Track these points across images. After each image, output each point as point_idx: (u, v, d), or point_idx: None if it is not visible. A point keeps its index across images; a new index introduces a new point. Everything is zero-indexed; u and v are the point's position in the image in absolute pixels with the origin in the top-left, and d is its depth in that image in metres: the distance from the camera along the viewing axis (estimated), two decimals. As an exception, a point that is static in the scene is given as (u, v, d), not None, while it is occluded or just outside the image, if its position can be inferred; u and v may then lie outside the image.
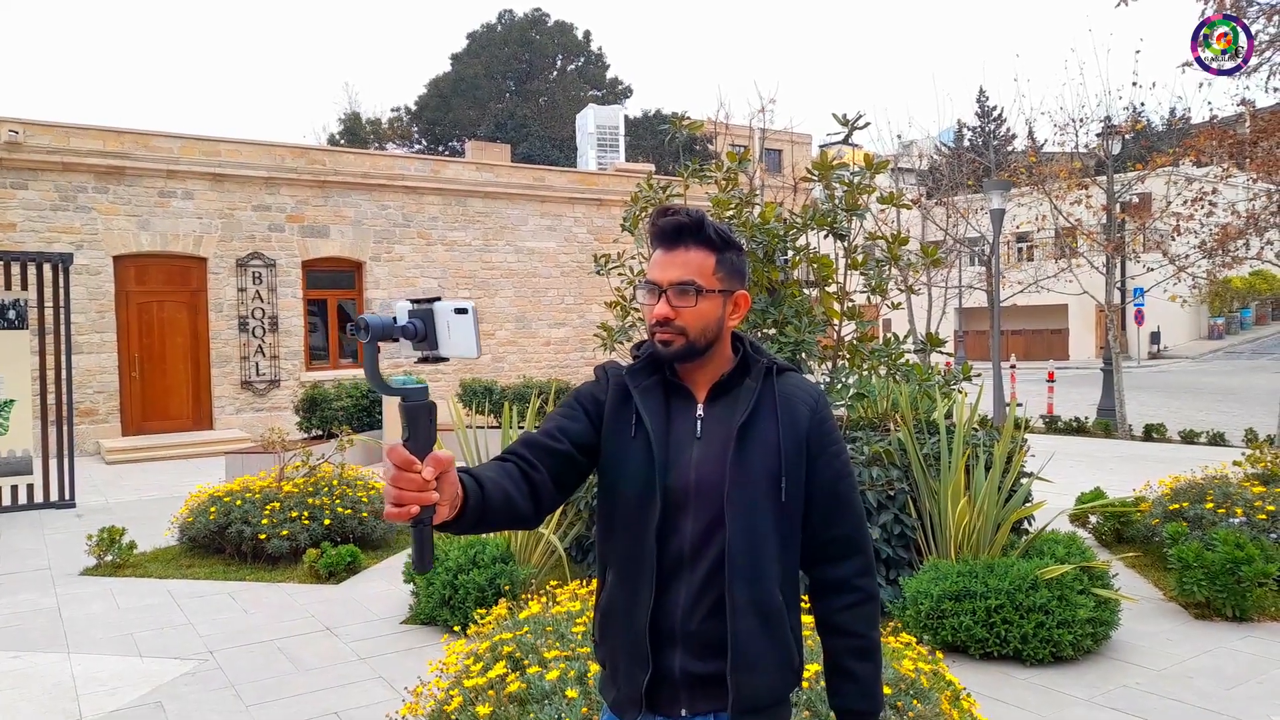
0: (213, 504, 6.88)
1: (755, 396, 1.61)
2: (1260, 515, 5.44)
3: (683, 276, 1.58)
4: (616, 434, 1.60)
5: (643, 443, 1.58)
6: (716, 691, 1.53)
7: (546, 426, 1.59)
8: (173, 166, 14.43)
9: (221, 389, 14.94)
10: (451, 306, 1.29)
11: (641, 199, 6.78)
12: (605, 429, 1.61)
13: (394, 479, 1.21)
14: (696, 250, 1.60)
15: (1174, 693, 4.11)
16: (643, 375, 1.65)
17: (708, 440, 1.59)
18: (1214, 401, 18.75)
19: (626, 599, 1.57)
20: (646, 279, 1.62)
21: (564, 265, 18.76)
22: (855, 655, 1.64)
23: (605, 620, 1.64)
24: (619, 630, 1.59)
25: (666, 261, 1.60)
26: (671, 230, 1.60)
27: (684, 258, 1.59)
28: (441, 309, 1.30)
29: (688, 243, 1.60)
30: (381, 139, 41.11)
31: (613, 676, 1.62)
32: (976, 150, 26.40)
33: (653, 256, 1.64)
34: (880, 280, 6.27)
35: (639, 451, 1.58)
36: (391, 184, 16.63)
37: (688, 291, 1.57)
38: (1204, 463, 7.32)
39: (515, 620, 3.45)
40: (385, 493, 1.21)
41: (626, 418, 1.60)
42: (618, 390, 1.63)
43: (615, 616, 1.60)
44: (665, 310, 1.58)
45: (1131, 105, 15.00)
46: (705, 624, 1.54)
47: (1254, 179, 13.10)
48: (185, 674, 4.59)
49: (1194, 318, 35.13)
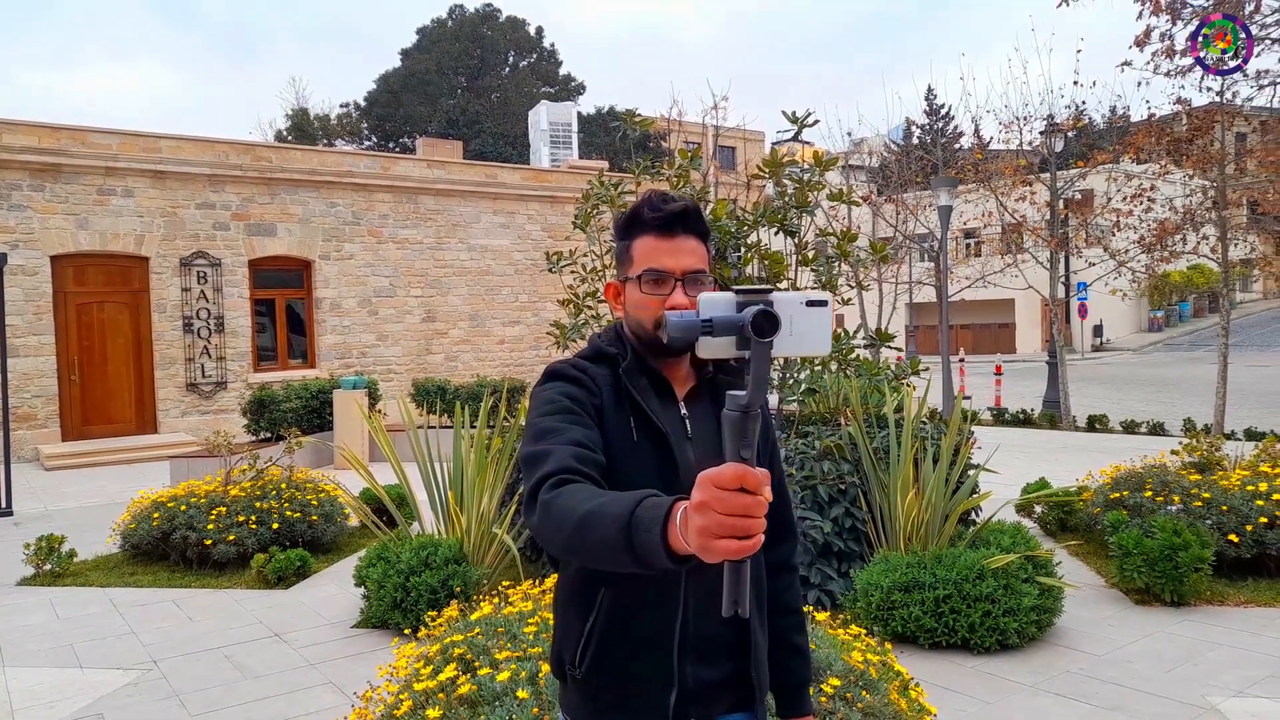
0: (156, 510, 6.71)
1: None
2: (1196, 503, 5.60)
3: (695, 265, 1.52)
4: (617, 439, 1.49)
5: (650, 447, 1.49)
6: (725, 695, 1.51)
7: (573, 436, 1.41)
8: (111, 164, 14.04)
9: (166, 392, 14.59)
10: (801, 299, 1.11)
11: (593, 196, 6.76)
12: (606, 434, 1.49)
13: (748, 505, 0.96)
14: (694, 238, 1.55)
15: (1115, 676, 4.22)
16: (636, 374, 1.55)
17: (698, 439, 1.54)
18: (1154, 392, 19.29)
19: (644, 616, 1.46)
20: (651, 268, 1.51)
21: (518, 263, 18.65)
22: (799, 631, 1.69)
23: (605, 646, 1.48)
24: (630, 652, 1.47)
25: (672, 249, 1.52)
26: (675, 217, 1.53)
27: (689, 245, 1.53)
28: (787, 301, 1.11)
29: (687, 230, 1.54)
30: (330, 135, 40.46)
31: (618, 706, 1.48)
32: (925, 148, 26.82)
33: (642, 245, 1.54)
34: (831, 276, 6.33)
35: (647, 457, 1.49)
36: (340, 181, 16.38)
37: (700, 280, 1.52)
38: (1144, 452, 7.53)
39: (466, 622, 3.42)
40: (722, 525, 0.96)
41: (624, 420, 1.50)
42: (611, 391, 1.53)
43: (623, 638, 1.47)
44: (682, 300, 1.50)
45: (1073, 103, 15.38)
46: (710, 627, 1.49)
47: (1190, 175, 13.50)
48: (128, 684, 4.48)
49: (1135, 311, 36.12)
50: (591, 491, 1.24)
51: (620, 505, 1.13)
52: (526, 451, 1.43)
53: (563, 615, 1.57)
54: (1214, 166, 12.19)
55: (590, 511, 1.17)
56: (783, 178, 6.18)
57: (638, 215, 1.55)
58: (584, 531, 1.16)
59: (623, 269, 1.59)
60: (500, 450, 5.59)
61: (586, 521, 1.16)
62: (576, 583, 1.53)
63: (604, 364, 1.56)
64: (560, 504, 1.24)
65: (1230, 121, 12.87)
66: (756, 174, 6.41)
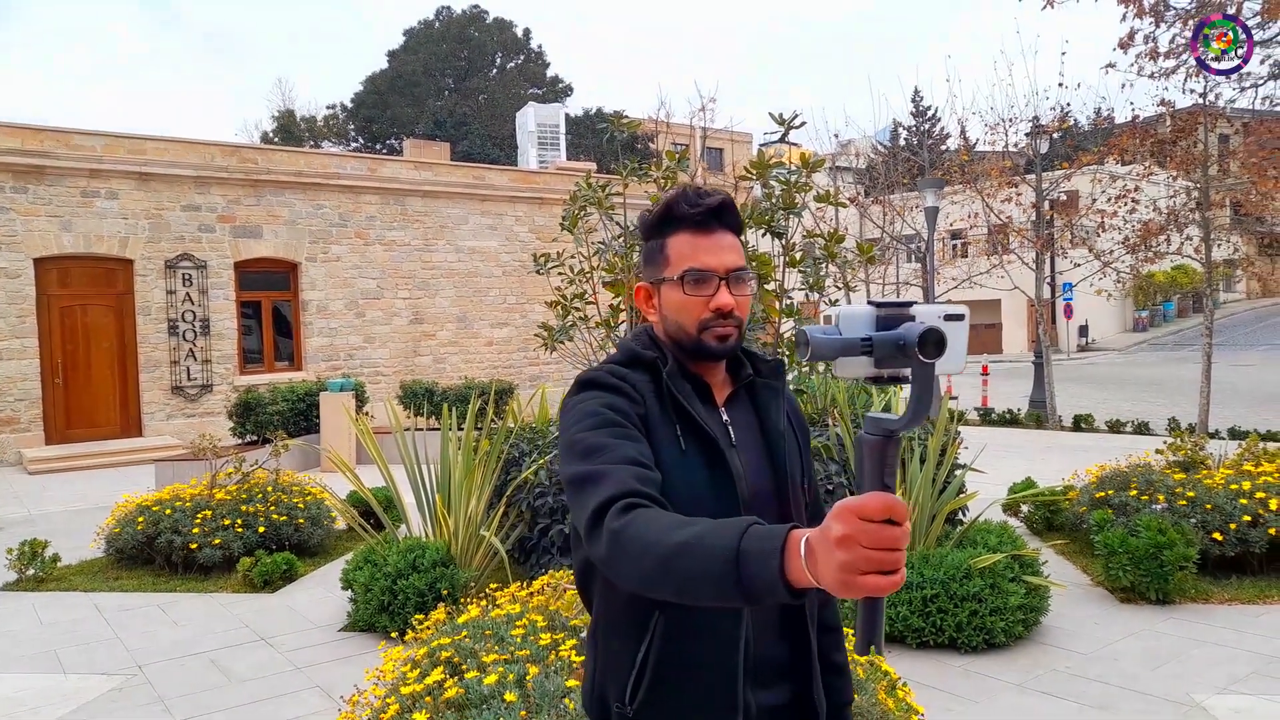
0: (141, 513, 6.66)
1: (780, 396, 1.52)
2: (1181, 501, 5.63)
3: (738, 261, 1.43)
4: (664, 450, 1.37)
5: (701, 456, 1.39)
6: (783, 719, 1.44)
7: (626, 453, 1.29)
8: (96, 166, 13.94)
9: (151, 395, 14.49)
10: (939, 312, 1.05)
11: (580, 198, 6.75)
12: (652, 446, 1.37)
13: (895, 538, 0.91)
14: (730, 233, 1.46)
15: (1101, 674, 4.24)
16: (680, 379, 1.44)
17: (743, 446, 1.46)
18: (1139, 392, 19.42)
19: (705, 641, 1.36)
20: (693, 267, 1.42)
21: (505, 265, 18.62)
22: (839, 648, 1.58)
23: (662, 675, 1.36)
24: (690, 681, 1.36)
25: (712, 245, 1.43)
26: (713, 211, 1.43)
27: (727, 240, 1.44)
28: (925, 314, 1.04)
29: (724, 225, 1.45)
30: (317, 137, 40.32)
31: None
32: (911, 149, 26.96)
33: (679, 242, 1.45)
34: (818, 278, 6.35)
35: (697, 467, 1.38)
36: (327, 183, 16.31)
37: (744, 279, 1.44)
38: (1129, 451, 7.57)
39: (454, 625, 3.41)
40: (869, 560, 0.91)
41: (670, 429, 1.40)
42: (654, 399, 1.42)
43: (681, 666, 1.36)
44: (729, 300, 1.42)
45: (1058, 105, 15.48)
46: (769, 649, 1.42)
47: (1174, 176, 13.60)
48: (112, 690, 4.44)
49: (1120, 311, 36.35)
50: (672, 519, 1.14)
51: (721, 536, 1.04)
52: (574, 471, 1.30)
53: (604, 646, 1.44)
54: (1197, 168, 12.28)
55: (683, 543, 1.07)
56: (770, 179, 6.20)
57: (672, 211, 1.46)
58: (674, 564, 1.07)
59: (656, 269, 1.49)
60: (488, 453, 5.58)
61: (678, 554, 1.06)
62: (623, 609, 1.40)
63: (641, 370, 1.46)
64: (635, 533, 1.13)
65: (1213, 123, 12.98)
66: (744, 175, 6.42)
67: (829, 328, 1.03)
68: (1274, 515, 5.37)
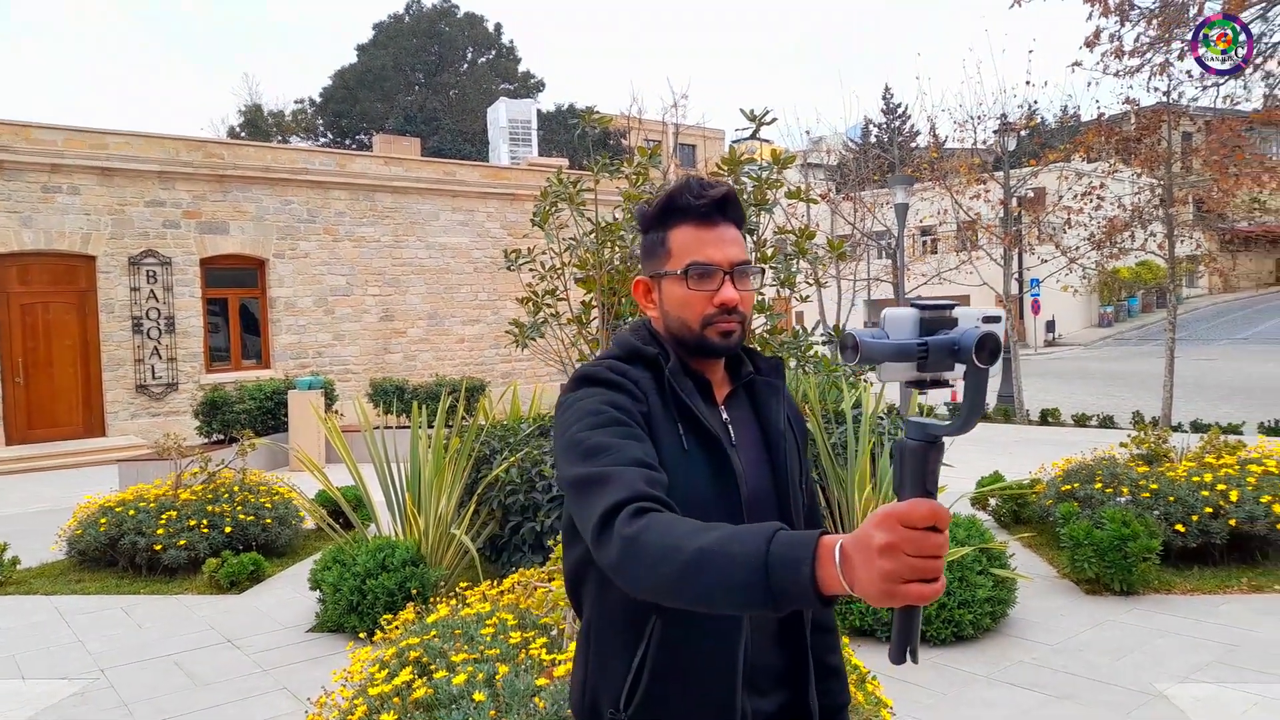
0: (104, 515, 6.54)
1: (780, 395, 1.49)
2: (1145, 494, 5.72)
3: (741, 255, 1.39)
4: (666, 449, 1.33)
5: (703, 456, 1.36)
6: None
7: (632, 454, 1.24)
8: (57, 160, 13.67)
9: (115, 394, 14.24)
10: (978, 314, 1.01)
11: (552, 194, 6.71)
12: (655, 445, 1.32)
13: (938, 545, 0.90)
14: (733, 226, 1.42)
15: (1067, 665, 4.29)
16: (682, 376, 1.40)
17: (742, 446, 1.42)
18: (1105, 386, 19.72)
19: (703, 645, 1.33)
20: (697, 261, 1.38)
21: (477, 261, 18.50)
22: (834, 650, 1.55)
23: (658, 681, 1.32)
24: (687, 687, 1.33)
25: (716, 239, 1.39)
26: (717, 203, 1.40)
27: (730, 234, 1.41)
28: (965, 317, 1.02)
29: (726, 217, 1.41)
30: (284, 132, 39.81)
31: None
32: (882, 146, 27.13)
33: (682, 235, 1.41)
34: (789, 274, 6.36)
35: (700, 467, 1.35)
36: (295, 178, 16.11)
37: (748, 273, 1.41)
38: (1095, 445, 7.67)
39: (423, 624, 3.38)
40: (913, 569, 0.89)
41: (672, 428, 1.36)
42: (656, 396, 1.38)
43: (679, 671, 1.33)
44: (733, 294, 1.38)
45: (1026, 103, 15.65)
46: (764, 654, 1.39)
47: (1138, 174, 13.80)
48: (73, 695, 4.36)
49: (1086, 306, 36.89)
50: (689, 524, 1.09)
51: (746, 543, 1.00)
52: (578, 473, 1.24)
53: (597, 651, 1.39)
54: (1161, 165, 12.48)
55: (705, 550, 1.03)
56: (741, 176, 6.19)
57: (675, 203, 1.41)
58: (696, 572, 1.03)
59: (656, 263, 1.44)
60: (459, 450, 5.54)
61: (701, 561, 1.02)
62: (618, 614, 1.35)
63: (642, 366, 1.41)
64: (651, 540, 1.08)
65: (1176, 122, 13.19)
66: (715, 172, 6.42)
67: (877, 331, 1.01)
68: (1234, 507, 5.47)
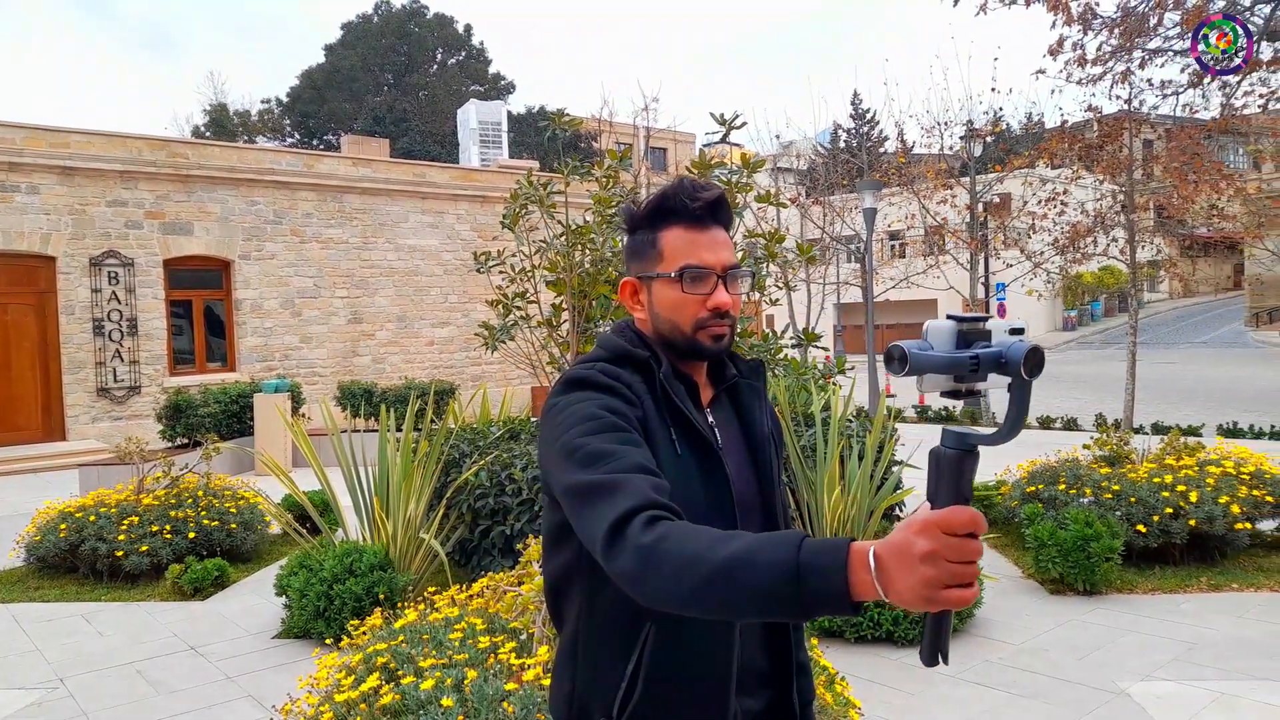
0: (63, 520, 6.41)
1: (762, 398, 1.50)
2: (1107, 495, 5.81)
3: (733, 259, 1.39)
4: (659, 453, 1.31)
5: (695, 460, 1.35)
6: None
7: (635, 460, 1.21)
8: (15, 159, 13.39)
9: (75, 397, 13.97)
10: (1004, 326, 1.05)
11: (522, 196, 6.69)
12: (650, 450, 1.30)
13: (976, 550, 0.92)
14: (723, 228, 1.41)
15: (1032, 665, 4.35)
16: (674, 380, 1.39)
17: (727, 449, 1.41)
18: (1069, 389, 20.03)
19: (699, 650, 1.32)
20: (691, 264, 1.37)
21: (447, 263, 18.39)
22: (801, 647, 1.55)
23: (654, 687, 1.31)
24: (683, 691, 1.32)
25: (709, 241, 1.38)
26: (710, 206, 1.39)
27: (723, 237, 1.40)
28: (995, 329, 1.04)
29: (717, 220, 1.41)
30: (251, 132, 39.34)
31: None
32: (851, 151, 27.36)
33: (674, 237, 1.40)
34: (759, 278, 6.40)
35: (692, 471, 1.34)
36: (261, 179, 15.92)
37: (739, 277, 1.40)
38: (1059, 446, 7.78)
39: (390, 630, 3.35)
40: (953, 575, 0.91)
41: (664, 432, 1.35)
42: (649, 400, 1.36)
43: (674, 676, 1.32)
44: (726, 298, 1.38)
45: (991, 110, 15.85)
46: (752, 656, 1.40)
47: (1101, 180, 14.03)
48: (30, 705, 4.26)
49: (1050, 311, 37.44)
50: (709, 533, 1.06)
51: (774, 551, 0.99)
52: (579, 480, 1.20)
53: (587, 659, 1.36)
54: (1123, 172, 12.69)
55: (731, 559, 1.01)
56: (711, 179, 6.22)
57: (669, 203, 1.40)
58: (722, 581, 1.01)
59: (646, 264, 1.42)
60: (428, 454, 5.50)
61: (728, 570, 1.00)
62: (611, 621, 1.33)
63: (632, 368, 1.38)
64: (672, 549, 1.05)
65: (1138, 129, 13.43)
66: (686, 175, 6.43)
67: (922, 343, 1.03)
68: (1194, 507, 5.57)
